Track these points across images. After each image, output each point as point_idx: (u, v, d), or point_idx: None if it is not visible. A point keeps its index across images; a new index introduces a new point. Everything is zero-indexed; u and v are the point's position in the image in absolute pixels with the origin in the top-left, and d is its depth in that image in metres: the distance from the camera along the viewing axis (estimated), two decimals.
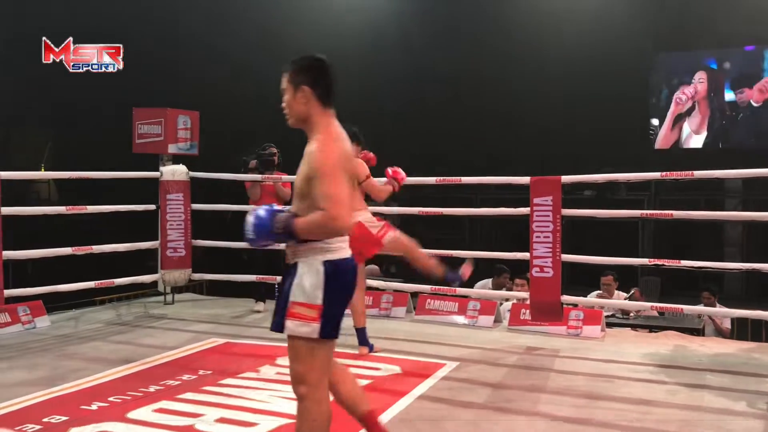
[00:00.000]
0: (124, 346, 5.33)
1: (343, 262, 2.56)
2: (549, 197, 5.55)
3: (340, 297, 2.55)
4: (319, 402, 2.57)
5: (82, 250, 6.31)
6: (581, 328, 5.73)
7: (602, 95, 11.58)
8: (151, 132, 7.01)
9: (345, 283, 2.56)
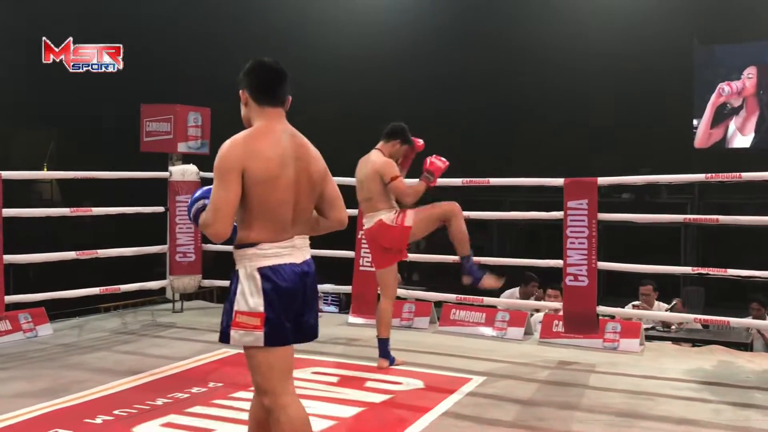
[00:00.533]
0: (130, 356, 5.37)
1: (281, 268, 2.63)
2: (584, 200, 5.52)
3: (281, 303, 2.62)
4: (284, 408, 2.64)
5: (86, 255, 6.37)
6: (618, 341, 5.68)
7: (642, 92, 11.51)
8: (160, 130, 7.07)
9: (285, 289, 2.63)
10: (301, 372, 4.85)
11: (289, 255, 2.66)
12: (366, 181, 4.90)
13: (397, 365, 5.04)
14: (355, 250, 6.33)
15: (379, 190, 4.88)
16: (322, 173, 2.75)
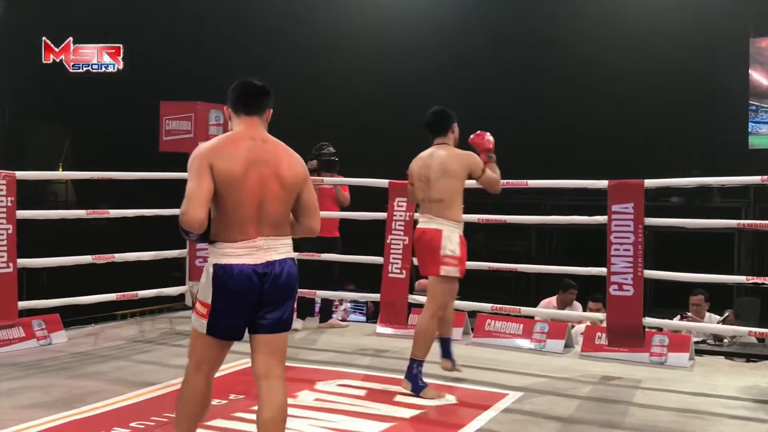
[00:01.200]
0: (147, 366, 5.43)
1: (230, 268, 2.97)
2: (630, 204, 5.48)
3: (226, 301, 2.99)
4: (189, 382, 3.14)
5: (102, 259, 6.46)
6: (666, 355, 5.64)
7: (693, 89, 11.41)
8: (180, 128, 7.14)
9: (231, 290, 2.97)
10: (326, 384, 4.87)
11: (247, 255, 2.97)
12: (444, 180, 4.70)
13: (458, 371, 5.03)
14: (384, 255, 6.34)
15: (459, 190, 4.75)
16: (295, 179, 3.05)
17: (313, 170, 6.74)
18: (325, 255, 6.66)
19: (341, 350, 6.00)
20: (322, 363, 5.57)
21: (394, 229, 6.31)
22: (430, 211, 4.76)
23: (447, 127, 4.86)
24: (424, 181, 4.81)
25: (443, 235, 4.68)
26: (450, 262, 4.68)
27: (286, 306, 3.06)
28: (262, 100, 3.13)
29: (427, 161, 4.84)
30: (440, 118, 4.87)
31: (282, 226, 3.06)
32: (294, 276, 3.06)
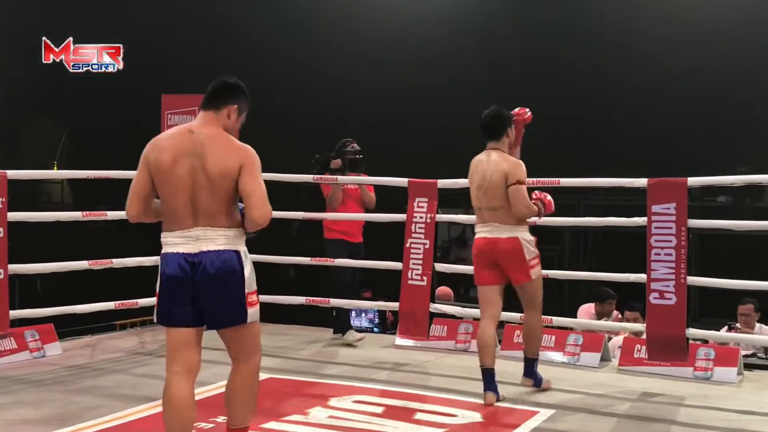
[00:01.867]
0: (148, 380, 5.44)
1: (167, 257, 3.39)
2: (672, 204, 5.45)
3: (163, 288, 3.41)
4: (167, 384, 3.49)
5: (100, 264, 6.49)
6: (712, 369, 5.60)
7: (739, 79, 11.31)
8: (183, 123, 7.16)
9: (168, 276, 3.38)
10: (340, 401, 4.87)
11: (182, 245, 3.35)
12: (494, 188, 4.93)
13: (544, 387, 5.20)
14: (403, 260, 6.33)
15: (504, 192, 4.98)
16: (222, 171, 3.32)
17: (337, 170, 6.73)
18: (340, 261, 6.63)
19: (357, 363, 5.99)
20: (336, 377, 5.56)
21: (414, 232, 6.31)
22: (493, 219, 4.98)
23: (501, 132, 5.03)
24: (477, 187, 5.02)
25: (522, 241, 4.95)
26: (534, 263, 5.02)
27: (222, 298, 3.35)
28: (218, 96, 3.48)
29: (480, 167, 5.02)
30: (495, 120, 5.02)
31: (217, 217, 3.35)
32: (230, 268, 3.33)
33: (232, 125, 3.49)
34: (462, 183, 6.28)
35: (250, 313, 3.40)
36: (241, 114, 3.53)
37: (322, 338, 6.89)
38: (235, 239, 3.39)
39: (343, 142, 6.89)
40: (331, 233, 6.83)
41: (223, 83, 3.52)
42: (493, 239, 4.97)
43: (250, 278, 3.40)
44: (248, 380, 3.54)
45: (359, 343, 6.62)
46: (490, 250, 4.98)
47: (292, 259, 7.13)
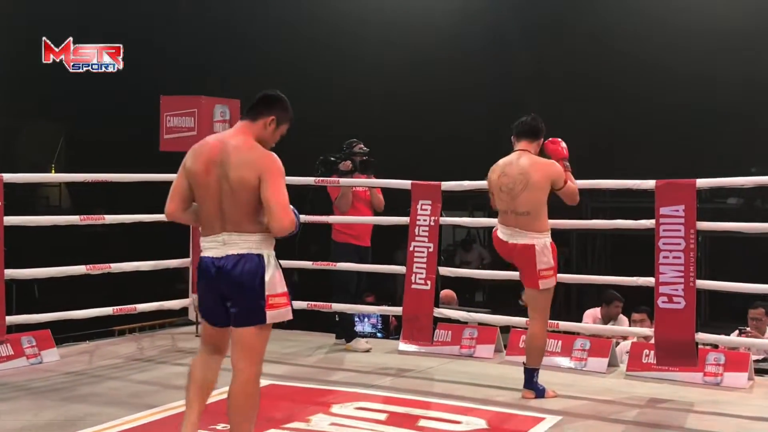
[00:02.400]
0: (147, 386, 5.46)
1: (202, 260, 3.64)
2: (680, 206, 5.44)
3: (199, 288, 3.70)
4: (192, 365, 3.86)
5: (98, 269, 6.50)
6: (722, 375, 5.60)
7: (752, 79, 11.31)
8: (182, 125, 7.18)
9: (199, 278, 3.67)
10: (342, 408, 4.88)
11: (212, 249, 3.60)
12: (528, 192, 5.02)
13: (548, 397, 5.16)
14: (407, 264, 6.33)
15: (543, 201, 5.08)
16: (240, 180, 3.51)
17: (346, 172, 6.66)
18: (344, 265, 6.62)
19: (360, 370, 6.00)
20: (338, 383, 5.57)
21: (417, 235, 6.30)
22: (517, 224, 5.08)
23: (539, 134, 5.17)
24: (506, 192, 5.08)
25: (536, 250, 5.04)
26: (546, 274, 5.09)
27: (242, 299, 3.54)
28: (256, 107, 3.68)
29: (507, 170, 5.10)
30: (536, 121, 5.18)
31: (242, 223, 3.56)
32: (250, 271, 3.52)
33: (268, 136, 3.67)
34: (466, 185, 6.30)
35: (269, 315, 3.55)
36: (280, 125, 3.69)
37: (325, 344, 6.89)
38: (260, 243, 3.56)
39: (349, 143, 6.80)
40: (341, 236, 6.78)
41: (263, 95, 3.70)
42: (512, 244, 5.11)
43: (272, 281, 3.54)
44: (247, 389, 3.61)
45: (362, 350, 6.61)
46: (507, 252, 5.16)
47: (294, 263, 7.10)
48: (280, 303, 3.56)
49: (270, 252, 3.58)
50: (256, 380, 3.61)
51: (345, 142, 6.83)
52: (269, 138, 3.68)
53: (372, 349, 6.66)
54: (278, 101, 3.70)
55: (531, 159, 5.09)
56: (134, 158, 7.25)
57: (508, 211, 5.10)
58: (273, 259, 3.58)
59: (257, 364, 3.62)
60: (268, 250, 3.58)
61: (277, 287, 3.55)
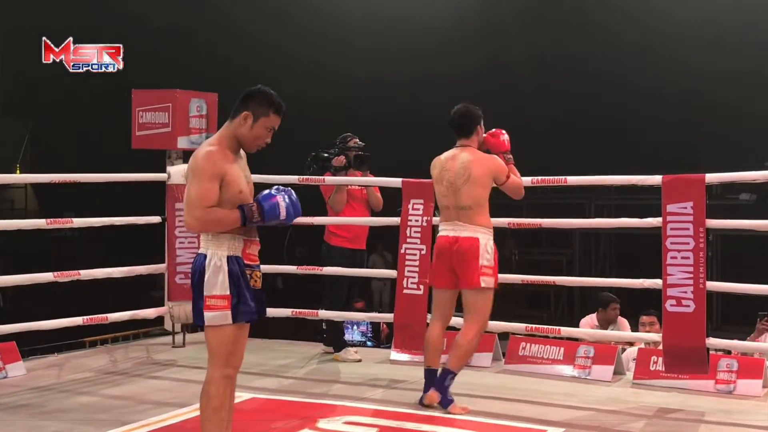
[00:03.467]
0: (120, 401, 5.43)
1: None
2: (689, 203, 5.46)
3: None
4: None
5: (66, 276, 6.46)
6: (735, 382, 5.61)
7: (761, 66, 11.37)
8: (156, 121, 7.17)
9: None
10: (330, 422, 4.88)
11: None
12: (469, 186, 5.08)
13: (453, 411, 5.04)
14: (398, 268, 6.33)
15: (485, 196, 5.14)
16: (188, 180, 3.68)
17: (340, 168, 6.63)
18: (332, 270, 6.60)
19: (348, 381, 6.00)
20: (326, 396, 5.57)
21: (409, 236, 6.31)
22: (459, 218, 5.12)
23: (471, 130, 5.22)
24: (447, 186, 5.14)
25: (480, 243, 5.05)
26: (487, 272, 5.09)
27: (193, 299, 3.69)
28: (236, 105, 3.77)
29: (448, 165, 5.16)
30: (464, 118, 5.21)
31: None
32: (194, 270, 3.70)
33: (246, 132, 3.74)
34: None
35: (206, 317, 3.65)
36: (259, 120, 3.73)
37: (311, 354, 6.89)
38: (208, 242, 3.69)
39: (343, 137, 6.76)
40: (335, 239, 6.75)
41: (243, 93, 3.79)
42: (453, 237, 5.13)
43: (210, 281, 3.64)
44: (207, 389, 3.71)
45: (352, 360, 6.60)
46: (447, 249, 5.13)
47: (277, 267, 7.09)
48: (217, 305, 3.64)
49: (217, 252, 3.66)
50: (215, 383, 3.68)
51: (339, 137, 6.80)
52: (248, 134, 3.73)
53: (362, 359, 6.65)
54: (252, 96, 3.75)
55: (472, 154, 5.16)
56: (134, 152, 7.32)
57: (450, 206, 5.16)
58: (220, 260, 3.65)
59: (217, 366, 3.68)
60: (216, 250, 3.66)
61: (216, 289, 3.63)
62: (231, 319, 3.64)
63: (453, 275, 5.16)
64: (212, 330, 3.66)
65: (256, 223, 3.69)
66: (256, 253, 3.80)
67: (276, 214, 3.68)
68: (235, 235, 3.67)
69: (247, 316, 3.69)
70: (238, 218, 3.64)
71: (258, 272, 3.78)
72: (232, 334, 3.67)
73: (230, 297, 3.63)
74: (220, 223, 3.63)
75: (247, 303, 3.68)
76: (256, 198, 3.70)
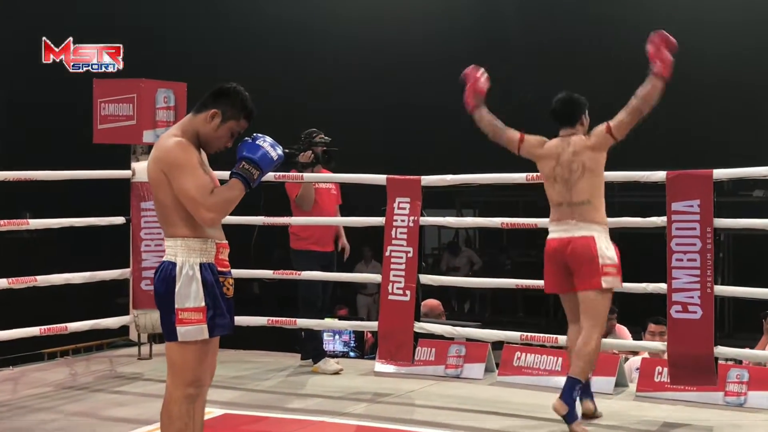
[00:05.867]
0: (81, 418, 5.44)
1: None
2: (695, 201, 5.48)
3: None
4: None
5: (21, 282, 6.46)
6: (746, 394, 5.62)
7: None
8: (119, 113, 7.17)
9: None
10: None
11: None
12: (586, 179, 5.10)
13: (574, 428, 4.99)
14: (383, 272, 6.35)
15: (602, 185, 5.18)
16: (152, 180, 3.62)
17: (308, 164, 6.66)
18: (308, 274, 6.62)
19: (329, 395, 6.01)
20: (303, 411, 5.59)
21: (394, 237, 6.32)
22: (573, 216, 5.11)
23: (577, 119, 5.27)
24: (561, 182, 5.13)
25: (597, 241, 5.08)
26: (611, 271, 5.09)
27: (161, 312, 3.61)
28: (203, 99, 3.73)
29: (559, 156, 5.16)
30: (569, 106, 5.28)
31: (164, 226, 3.66)
32: (162, 280, 3.59)
33: (209, 131, 3.67)
34: (450, 179, 6.33)
35: (180, 332, 3.54)
36: (227, 121, 3.67)
37: (288, 366, 6.90)
38: (177, 249, 3.59)
39: (308, 133, 6.77)
40: (299, 242, 6.78)
41: (215, 88, 3.73)
42: (566, 239, 5.12)
43: (182, 292, 3.55)
44: (168, 410, 3.63)
45: (333, 371, 6.62)
46: (560, 251, 5.14)
47: (251, 272, 7.09)
48: (191, 319, 3.54)
49: (188, 259, 3.58)
50: (177, 403, 3.59)
51: (303, 133, 6.80)
52: (211, 134, 3.67)
53: (343, 370, 6.66)
54: (226, 94, 3.69)
55: (583, 141, 5.19)
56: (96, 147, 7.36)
57: (563, 203, 5.16)
58: (192, 268, 3.57)
59: (180, 386, 3.58)
60: (187, 257, 3.58)
61: (189, 300, 3.55)
62: (207, 333, 3.55)
63: (571, 278, 5.15)
64: (176, 345, 3.57)
65: (260, 178, 3.60)
66: (227, 257, 3.73)
67: (270, 158, 3.60)
68: (207, 239, 3.60)
69: (224, 330, 3.62)
70: (242, 186, 3.57)
71: (230, 279, 3.73)
72: (199, 350, 3.58)
73: (206, 309, 3.55)
74: (231, 202, 3.57)
75: (224, 315, 3.61)
76: (239, 156, 3.60)
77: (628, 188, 10.11)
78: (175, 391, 3.59)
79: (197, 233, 3.58)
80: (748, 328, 8.72)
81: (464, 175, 6.39)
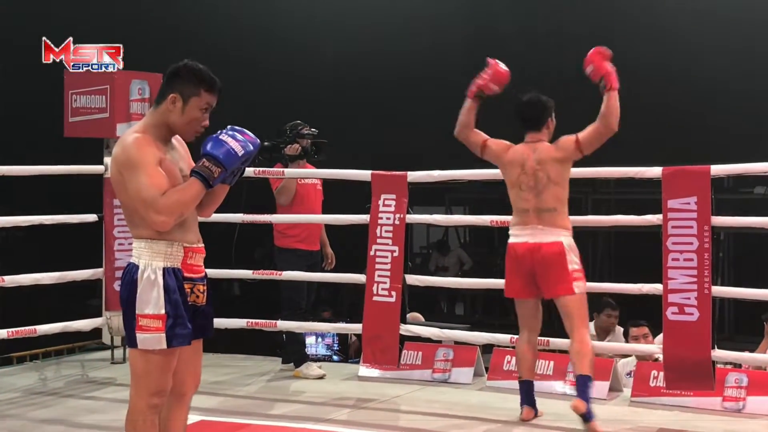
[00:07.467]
0: (50, 426, 5.43)
1: None
2: (692, 198, 5.51)
3: None
4: None
5: None
6: (744, 399, 5.64)
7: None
8: (91, 105, 7.17)
9: None
10: None
11: None
12: (552, 187, 5.19)
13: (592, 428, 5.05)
14: (367, 272, 6.36)
15: (565, 194, 5.27)
16: (113, 182, 3.58)
17: (295, 157, 6.67)
18: (291, 274, 6.62)
19: (311, 401, 6.02)
20: (283, 418, 5.59)
21: (379, 236, 6.33)
22: (540, 221, 5.21)
23: (543, 123, 5.37)
24: (527, 189, 5.23)
25: (566, 247, 5.22)
26: (579, 276, 5.26)
27: (123, 316, 3.57)
28: (160, 90, 3.67)
29: (524, 164, 5.25)
30: (536, 110, 5.37)
31: (130, 228, 3.63)
32: (125, 283, 3.57)
33: (177, 118, 3.59)
34: (437, 175, 6.35)
35: (138, 339, 3.50)
36: (190, 100, 3.57)
37: (269, 370, 6.91)
38: (142, 251, 3.55)
39: (294, 125, 6.78)
40: (284, 240, 6.78)
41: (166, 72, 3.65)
42: (535, 244, 5.21)
43: (143, 298, 3.51)
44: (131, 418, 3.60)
45: (315, 376, 6.63)
46: (528, 256, 5.23)
47: (231, 272, 7.09)
48: (150, 326, 3.49)
49: (151, 262, 3.53)
50: (141, 413, 3.55)
51: (288, 125, 6.80)
52: (179, 120, 3.59)
53: (326, 374, 6.68)
54: (177, 74, 3.60)
55: (547, 149, 5.27)
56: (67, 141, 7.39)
57: (529, 210, 5.25)
58: (154, 272, 3.52)
59: (144, 395, 3.54)
60: (150, 260, 3.53)
61: (149, 307, 3.50)
62: (165, 343, 3.48)
63: (535, 284, 5.28)
64: (138, 353, 3.52)
65: (222, 176, 3.51)
66: (200, 263, 3.66)
67: (234, 154, 3.50)
68: (173, 242, 3.55)
69: (183, 340, 3.53)
70: (200, 185, 3.49)
71: (201, 286, 3.65)
72: (162, 360, 3.51)
73: (165, 317, 3.49)
74: (185, 204, 3.48)
75: (185, 325, 3.53)
76: (201, 152, 3.51)
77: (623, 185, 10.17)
78: (138, 401, 3.55)
79: (162, 235, 3.52)
80: (749, 331, 8.76)
81: (451, 171, 6.42)
